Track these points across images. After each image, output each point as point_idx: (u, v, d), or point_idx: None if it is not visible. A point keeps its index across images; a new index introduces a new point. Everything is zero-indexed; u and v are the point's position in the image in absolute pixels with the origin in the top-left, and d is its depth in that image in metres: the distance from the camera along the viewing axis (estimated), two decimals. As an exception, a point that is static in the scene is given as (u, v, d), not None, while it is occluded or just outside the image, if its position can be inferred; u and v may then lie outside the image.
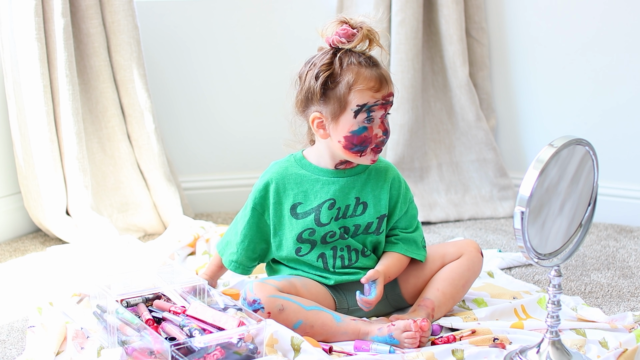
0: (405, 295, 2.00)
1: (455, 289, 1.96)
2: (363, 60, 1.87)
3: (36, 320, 1.89)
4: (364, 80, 1.85)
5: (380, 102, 1.85)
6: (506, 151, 3.02)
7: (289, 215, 1.92)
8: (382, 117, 1.87)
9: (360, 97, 1.84)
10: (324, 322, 1.82)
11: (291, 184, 1.93)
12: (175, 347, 1.60)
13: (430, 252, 2.02)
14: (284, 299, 1.81)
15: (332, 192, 1.91)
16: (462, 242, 2.04)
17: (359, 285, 1.93)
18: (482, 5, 2.93)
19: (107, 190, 2.76)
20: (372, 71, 1.87)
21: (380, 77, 1.86)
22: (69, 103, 2.58)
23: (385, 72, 1.89)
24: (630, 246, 2.53)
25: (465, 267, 1.97)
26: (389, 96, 1.87)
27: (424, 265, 1.99)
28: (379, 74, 1.87)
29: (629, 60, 2.74)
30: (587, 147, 1.60)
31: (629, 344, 1.74)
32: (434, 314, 1.90)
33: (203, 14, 2.95)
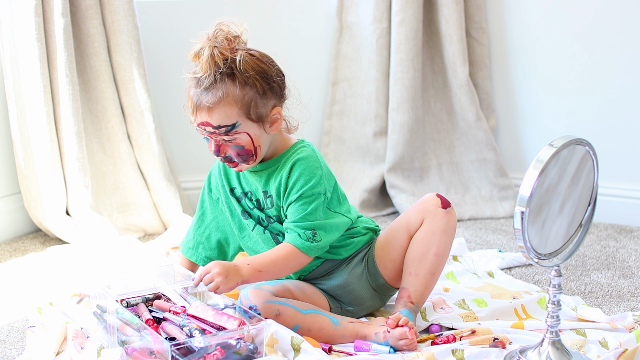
0: (389, 282, 1.95)
1: (429, 264, 1.87)
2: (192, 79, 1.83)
3: (36, 320, 1.89)
4: (187, 100, 1.85)
5: (198, 128, 1.84)
6: (506, 151, 3.02)
7: (230, 195, 1.95)
8: (215, 141, 1.83)
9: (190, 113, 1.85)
10: (321, 325, 1.82)
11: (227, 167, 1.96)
12: (175, 347, 1.60)
13: (395, 228, 1.94)
14: (280, 303, 1.80)
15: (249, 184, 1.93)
16: (421, 203, 1.92)
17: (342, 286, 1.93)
18: (482, 5, 2.93)
19: (107, 190, 2.76)
20: (192, 93, 1.83)
21: (193, 102, 1.82)
22: (69, 103, 2.58)
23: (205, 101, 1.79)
24: (630, 246, 2.53)
25: (430, 232, 1.88)
26: (203, 125, 1.82)
27: (392, 244, 1.92)
28: (193, 99, 1.82)
29: (630, 60, 2.74)
30: (587, 147, 1.60)
31: (629, 344, 1.74)
32: (412, 300, 1.85)
33: (203, 14, 2.95)
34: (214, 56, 1.80)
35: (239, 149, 1.83)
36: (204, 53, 1.80)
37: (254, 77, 1.82)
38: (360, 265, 1.95)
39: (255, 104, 1.82)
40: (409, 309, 1.85)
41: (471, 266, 2.29)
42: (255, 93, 1.83)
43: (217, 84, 1.79)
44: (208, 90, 1.79)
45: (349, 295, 1.94)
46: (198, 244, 2.03)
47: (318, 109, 3.07)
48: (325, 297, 1.93)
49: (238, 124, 1.81)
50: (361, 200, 2.90)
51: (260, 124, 1.84)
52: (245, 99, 1.81)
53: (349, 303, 1.95)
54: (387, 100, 2.95)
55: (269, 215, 1.91)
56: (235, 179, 1.96)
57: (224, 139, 1.82)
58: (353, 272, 1.94)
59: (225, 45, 1.81)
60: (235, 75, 1.81)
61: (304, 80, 3.07)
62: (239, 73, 1.81)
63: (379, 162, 2.98)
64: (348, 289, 1.94)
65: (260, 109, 1.84)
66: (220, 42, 1.81)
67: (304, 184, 1.84)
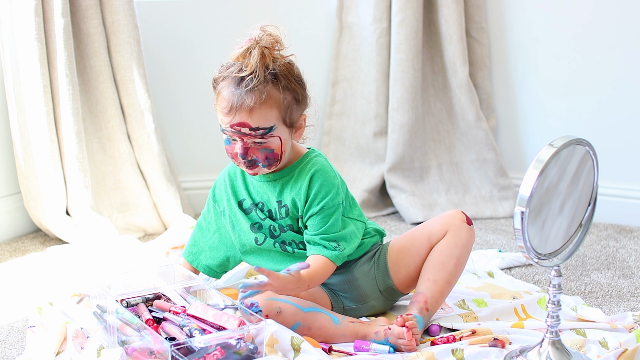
0: (398, 286, 1.96)
1: (448, 273, 1.90)
2: (231, 78, 1.82)
3: (36, 320, 1.89)
4: (219, 99, 1.83)
5: (229, 129, 1.82)
6: (506, 151, 3.02)
7: (238, 209, 1.94)
8: (243, 143, 1.82)
9: (218, 115, 1.84)
10: (322, 324, 1.82)
11: (234, 180, 1.96)
12: (175, 347, 1.60)
13: (415, 235, 1.96)
14: (281, 301, 1.80)
15: (259, 195, 1.92)
16: (446, 216, 1.95)
17: (349, 283, 1.94)
18: (482, 5, 2.93)
19: (107, 190, 2.76)
20: (230, 92, 1.81)
21: (232, 102, 1.80)
22: (69, 103, 2.58)
23: (247, 101, 1.78)
24: (630, 246, 2.53)
25: (452, 244, 1.91)
26: (240, 126, 1.80)
27: (411, 251, 1.94)
28: (232, 98, 1.80)
29: (631, 60, 2.74)
30: (587, 147, 1.60)
31: (629, 344, 1.74)
32: (428, 307, 1.86)
33: (203, 13, 2.95)
34: (264, 57, 1.81)
35: (268, 152, 1.83)
36: (253, 53, 1.80)
37: (294, 83, 1.85)
38: (369, 263, 1.96)
39: (291, 109, 1.84)
40: (422, 315, 1.84)
41: (471, 266, 2.29)
42: (293, 98, 1.85)
43: (261, 85, 1.79)
44: (252, 91, 1.79)
45: (354, 291, 1.95)
46: (200, 252, 2.03)
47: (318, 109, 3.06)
48: (327, 294, 1.94)
49: (275, 127, 1.82)
50: (361, 200, 2.90)
51: (291, 130, 1.87)
52: (285, 103, 1.83)
53: (352, 300, 1.95)
54: (387, 100, 2.95)
55: (282, 225, 1.91)
56: (244, 190, 1.95)
57: (255, 142, 1.82)
58: (361, 269, 1.95)
59: (273, 48, 1.83)
60: (278, 79, 1.82)
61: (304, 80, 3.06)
62: (282, 77, 1.82)
63: (379, 162, 2.98)
64: (354, 284, 1.95)
65: (294, 115, 1.86)
66: (268, 43, 1.82)
67: (324, 196, 1.87)
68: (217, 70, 1.87)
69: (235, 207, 1.95)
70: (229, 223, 1.97)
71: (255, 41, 1.81)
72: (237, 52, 1.83)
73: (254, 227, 1.93)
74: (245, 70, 1.80)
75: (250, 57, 1.81)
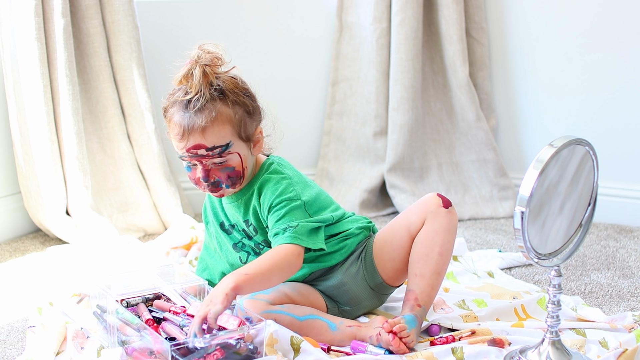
0: (387, 281, 1.94)
1: (434, 263, 1.85)
2: (178, 102, 1.79)
3: (36, 320, 1.89)
4: (172, 126, 1.80)
5: (186, 154, 1.79)
6: (506, 151, 3.02)
7: (220, 230, 1.95)
8: (204, 166, 1.80)
9: (174, 143, 1.82)
10: (319, 331, 1.81)
11: (213, 201, 1.96)
12: (175, 347, 1.60)
13: (395, 228, 1.92)
14: (276, 312, 1.79)
15: (232, 216, 1.92)
16: (422, 203, 1.90)
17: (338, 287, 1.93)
18: (482, 5, 2.93)
19: (107, 190, 2.76)
20: (179, 117, 1.78)
21: (184, 127, 1.76)
22: (69, 103, 2.58)
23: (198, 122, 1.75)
24: (630, 246, 2.53)
25: (433, 232, 1.86)
26: (196, 148, 1.77)
27: (393, 244, 1.91)
28: (182, 122, 1.77)
29: (630, 61, 2.74)
30: (587, 147, 1.60)
31: (629, 344, 1.74)
32: (419, 303, 1.83)
33: (203, 14, 2.95)
34: (207, 75, 1.78)
35: (229, 170, 1.81)
36: (195, 73, 1.78)
37: (242, 96, 1.83)
38: (356, 264, 1.93)
39: (245, 123, 1.82)
40: (415, 313, 1.81)
41: (471, 266, 2.29)
42: (244, 112, 1.83)
43: (209, 104, 1.77)
44: (201, 111, 1.77)
45: (345, 295, 1.93)
46: (204, 269, 2.04)
47: (318, 109, 3.07)
48: (323, 298, 1.93)
49: (231, 143, 1.80)
50: (361, 200, 2.90)
51: (248, 144, 1.84)
52: (237, 117, 1.81)
53: (346, 303, 1.94)
54: (387, 100, 2.95)
55: (258, 242, 1.90)
56: (221, 212, 1.95)
57: (214, 162, 1.80)
58: (348, 272, 1.93)
59: (214, 65, 1.80)
60: (225, 95, 1.80)
61: (304, 80, 3.07)
62: (229, 92, 1.81)
63: (379, 162, 2.98)
64: (344, 289, 1.93)
65: (249, 128, 1.83)
66: (207, 61, 1.80)
67: (270, 196, 1.83)
68: (164, 100, 1.85)
69: (219, 229, 1.96)
70: (217, 244, 1.98)
71: (195, 61, 1.79)
72: (178, 75, 1.81)
73: (237, 246, 1.94)
74: (190, 92, 1.78)
75: (192, 77, 1.78)
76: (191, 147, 1.78)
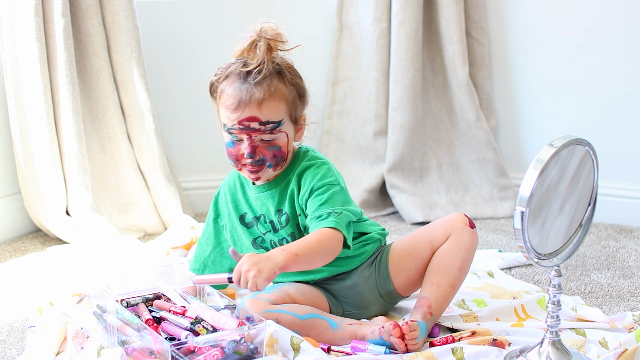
0: (399, 290, 1.94)
1: (452, 277, 1.87)
2: (237, 74, 1.78)
3: (36, 320, 1.89)
4: (225, 96, 1.78)
5: (236, 126, 1.77)
6: (506, 151, 3.02)
7: (239, 224, 1.92)
8: (250, 141, 1.78)
9: (222, 114, 1.80)
10: (320, 330, 1.81)
11: (235, 194, 1.93)
12: (175, 347, 1.60)
13: (417, 238, 1.93)
14: (277, 312, 1.79)
15: (259, 207, 1.89)
16: (449, 219, 1.92)
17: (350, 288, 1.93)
18: (482, 5, 2.93)
19: (107, 190, 2.76)
20: (236, 88, 1.76)
21: (240, 97, 1.75)
22: (69, 103, 2.58)
23: (257, 94, 1.74)
24: (630, 246, 2.53)
25: (455, 247, 1.87)
26: (249, 120, 1.76)
27: (412, 254, 1.92)
28: (240, 93, 1.75)
29: (630, 60, 2.74)
30: (587, 147, 1.60)
31: (629, 344, 1.74)
32: (432, 311, 1.83)
33: (203, 14, 2.95)
34: (270, 49, 1.78)
35: (276, 149, 1.79)
36: (260, 45, 1.76)
37: (297, 78, 1.82)
38: (369, 269, 1.94)
39: (296, 104, 1.82)
40: (426, 320, 1.80)
41: (471, 266, 2.28)
42: (297, 94, 1.82)
43: (268, 78, 1.76)
44: (260, 84, 1.75)
45: (356, 297, 1.93)
46: (204, 267, 2.02)
47: (318, 109, 3.07)
48: (326, 299, 1.93)
49: (283, 121, 1.79)
50: (361, 200, 2.90)
51: (294, 128, 1.84)
52: (291, 97, 1.80)
53: (353, 305, 1.94)
54: (387, 100, 2.95)
55: (284, 237, 1.89)
56: (245, 203, 1.92)
57: (262, 139, 1.78)
58: (362, 275, 1.93)
59: (278, 41, 1.80)
60: (283, 73, 1.80)
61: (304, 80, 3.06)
62: (287, 71, 1.80)
63: (379, 162, 2.98)
64: (356, 290, 1.93)
65: (298, 112, 1.83)
66: (272, 36, 1.78)
67: (311, 180, 1.82)
68: (214, 74, 1.84)
69: (237, 222, 1.93)
70: (230, 238, 1.96)
71: (258, 34, 1.78)
72: (240, 47, 1.79)
73: (256, 242, 1.92)
74: (252, 63, 1.77)
75: (256, 49, 1.77)
76: (244, 119, 1.76)
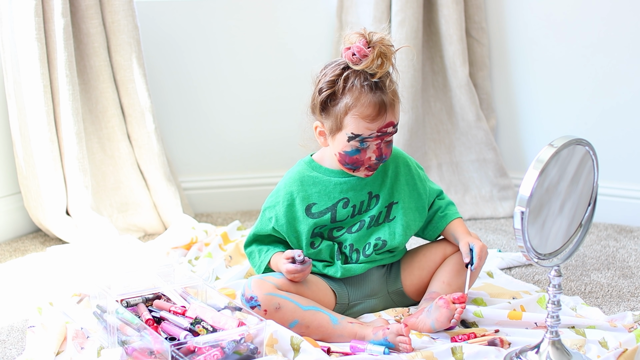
0: (407, 291, 2.00)
1: (461, 280, 1.95)
2: (366, 85, 1.82)
3: (36, 320, 1.89)
4: (361, 107, 1.82)
5: (374, 134, 1.83)
6: (506, 151, 3.02)
7: (303, 215, 1.92)
8: (378, 145, 1.85)
9: (356, 125, 1.82)
10: (320, 323, 1.82)
11: (306, 186, 1.94)
12: (175, 347, 1.60)
13: (432, 245, 2.03)
14: (281, 297, 1.81)
15: (344, 192, 1.92)
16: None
17: (363, 279, 1.95)
18: (482, 5, 2.93)
19: (107, 190, 2.76)
20: (372, 97, 1.82)
21: (380, 105, 1.82)
22: (69, 103, 2.58)
23: (389, 100, 1.83)
24: (630, 246, 2.53)
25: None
26: (387, 126, 1.84)
27: (426, 258, 2.00)
28: (378, 102, 1.82)
29: (629, 60, 2.74)
30: (587, 147, 1.60)
31: (629, 343, 1.74)
32: None
33: (203, 14, 2.95)
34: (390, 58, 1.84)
35: (391, 146, 1.89)
36: (387, 55, 1.82)
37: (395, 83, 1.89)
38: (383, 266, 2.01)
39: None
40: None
41: (471, 266, 2.29)
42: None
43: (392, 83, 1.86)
44: (391, 89, 1.84)
45: (366, 287, 1.97)
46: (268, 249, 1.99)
47: (318, 109, 3.06)
48: (332, 290, 1.94)
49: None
50: (361, 200, 2.90)
51: None
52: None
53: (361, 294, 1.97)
54: (387, 100, 2.94)
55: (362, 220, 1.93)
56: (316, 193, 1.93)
57: (387, 140, 1.86)
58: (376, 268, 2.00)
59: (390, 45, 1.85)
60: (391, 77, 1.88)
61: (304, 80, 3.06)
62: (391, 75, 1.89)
63: (379, 162, 2.97)
64: (369, 278, 1.98)
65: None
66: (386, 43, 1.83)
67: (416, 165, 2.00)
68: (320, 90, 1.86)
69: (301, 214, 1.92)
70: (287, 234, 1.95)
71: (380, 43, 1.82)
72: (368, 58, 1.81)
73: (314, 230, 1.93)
74: (378, 71, 1.82)
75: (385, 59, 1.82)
76: (384, 126, 1.83)
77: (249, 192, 3.05)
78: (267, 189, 3.07)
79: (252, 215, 2.94)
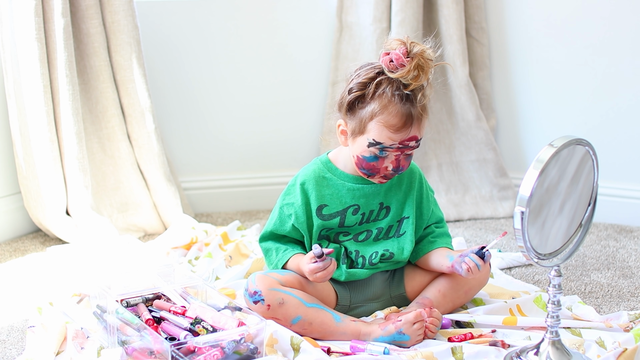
0: (410, 295, 2.00)
1: (457, 294, 1.95)
2: (397, 94, 1.79)
3: (36, 320, 1.89)
4: (387, 115, 1.79)
5: (396, 145, 1.80)
6: (506, 151, 3.02)
7: (314, 214, 1.92)
8: (397, 156, 1.83)
9: (379, 133, 1.80)
10: (323, 320, 1.82)
11: (320, 186, 1.93)
12: (175, 347, 1.60)
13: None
14: (285, 292, 1.81)
15: (356, 198, 1.91)
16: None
17: (366, 283, 1.95)
18: (482, 5, 2.93)
19: (107, 190, 2.76)
20: (400, 108, 1.79)
21: (407, 117, 1.79)
22: (69, 103, 2.58)
23: (417, 113, 1.79)
24: (630, 246, 2.53)
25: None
26: (410, 140, 1.80)
27: (429, 261, 1.98)
28: (406, 114, 1.78)
29: (629, 60, 2.74)
30: (587, 147, 1.60)
31: (629, 343, 1.74)
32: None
33: (203, 14, 2.95)
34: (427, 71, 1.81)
35: (410, 159, 1.87)
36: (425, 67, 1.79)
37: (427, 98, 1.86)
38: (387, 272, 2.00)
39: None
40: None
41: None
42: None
43: (424, 98, 1.81)
44: (422, 104, 1.81)
45: (369, 289, 1.97)
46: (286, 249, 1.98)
47: (318, 109, 3.07)
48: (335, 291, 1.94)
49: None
50: (361, 200, 2.90)
51: None
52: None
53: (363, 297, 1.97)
54: (387, 100, 2.94)
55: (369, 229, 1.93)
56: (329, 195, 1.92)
57: (407, 153, 1.84)
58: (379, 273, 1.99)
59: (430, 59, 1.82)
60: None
61: (304, 80, 3.07)
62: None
63: (379, 162, 2.97)
64: (372, 282, 1.97)
65: None
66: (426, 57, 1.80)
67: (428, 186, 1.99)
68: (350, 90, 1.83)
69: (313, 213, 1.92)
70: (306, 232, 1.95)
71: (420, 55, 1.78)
72: (405, 68, 1.78)
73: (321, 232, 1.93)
74: (413, 83, 1.79)
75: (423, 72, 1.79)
76: (407, 139, 1.81)
77: (249, 192, 3.05)
78: (267, 189, 3.08)
79: (252, 215, 2.94)
